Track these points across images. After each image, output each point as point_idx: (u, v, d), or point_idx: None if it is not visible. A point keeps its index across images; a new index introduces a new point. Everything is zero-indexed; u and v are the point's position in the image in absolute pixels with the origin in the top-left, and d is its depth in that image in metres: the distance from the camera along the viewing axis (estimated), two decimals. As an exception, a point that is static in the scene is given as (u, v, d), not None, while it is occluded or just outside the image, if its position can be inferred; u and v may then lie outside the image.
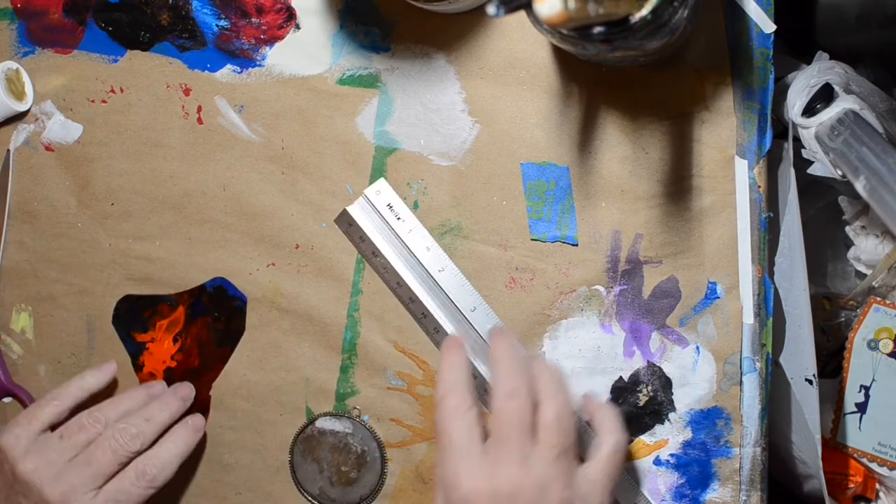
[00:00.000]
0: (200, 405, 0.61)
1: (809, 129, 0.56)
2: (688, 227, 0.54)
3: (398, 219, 0.57)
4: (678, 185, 0.54)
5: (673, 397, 0.55)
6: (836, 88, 0.56)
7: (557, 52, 0.55)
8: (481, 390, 0.56)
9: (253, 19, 0.58)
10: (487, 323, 0.56)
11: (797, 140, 0.57)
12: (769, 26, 0.53)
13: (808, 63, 0.60)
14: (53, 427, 0.57)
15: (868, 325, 0.64)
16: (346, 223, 0.58)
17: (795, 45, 0.64)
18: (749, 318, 0.54)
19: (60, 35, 0.61)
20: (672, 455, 0.56)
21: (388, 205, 0.57)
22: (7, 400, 0.64)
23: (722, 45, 0.53)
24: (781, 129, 0.59)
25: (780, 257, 0.57)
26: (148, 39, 0.59)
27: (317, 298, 0.58)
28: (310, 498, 0.59)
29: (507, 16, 0.37)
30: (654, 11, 0.41)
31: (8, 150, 0.61)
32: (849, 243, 0.67)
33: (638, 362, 0.56)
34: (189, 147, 0.59)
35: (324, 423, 0.59)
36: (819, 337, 0.68)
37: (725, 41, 0.53)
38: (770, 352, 0.55)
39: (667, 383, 0.55)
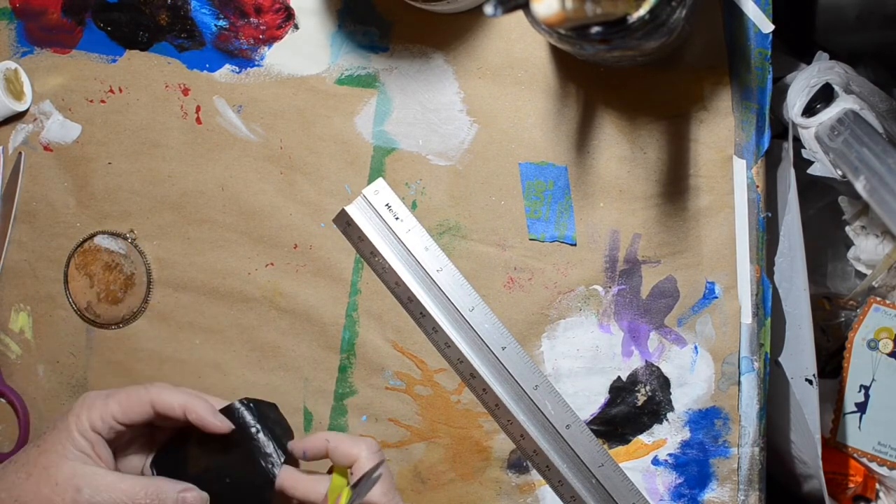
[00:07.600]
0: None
1: (809, 129, 0.56)
2: (686, 226, 0.54)
3: (396, 218, 0.57)
4: (676, 185, 0.54)
5: (671, 397, 0.55)
6: (836, 88, 0.55)
7: (556, 52, 0.55)
8: (480, 390, 0.56)
9: (251, 19, 0.58)
10: (485, 322, 0.56)
11: (797, 140, 0.57)
12: (767, 26, 0.53)
13: (808, 63, 0.60)
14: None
15: (868, 325, 0.64)
16: (344, 223, 0.58)
17: (795, 45, 0.64)
18: (747, 317, 0.54)
19: (59, 35, 0.61)
20: (670, 455, 0.56)
21: (387, 204, 0.57)
22: (-1, 400, 0.64)
23: (720, 45, 0.53)
24: (781, 130, 0.59)
25: (780, 257, 0.57)
26: (147, 39, 0.59)
27: (315, 298, 0.58)
28: (77, 310, 0.61)
29: (505, 16, 0.37)
30: (651, 11, 0.41)
31: (20, 154, 0.61)
32: (849, 243, 0.67)
33: (636, 362, 0.56)
34: (188, 147, 0.59)
35: (102, 240, 0.59)
36: (819, 337, 0.68)
37: (723, 41, 0.53)
38: (768, 351, 0.55)
39: (665, 383, 0.55)
